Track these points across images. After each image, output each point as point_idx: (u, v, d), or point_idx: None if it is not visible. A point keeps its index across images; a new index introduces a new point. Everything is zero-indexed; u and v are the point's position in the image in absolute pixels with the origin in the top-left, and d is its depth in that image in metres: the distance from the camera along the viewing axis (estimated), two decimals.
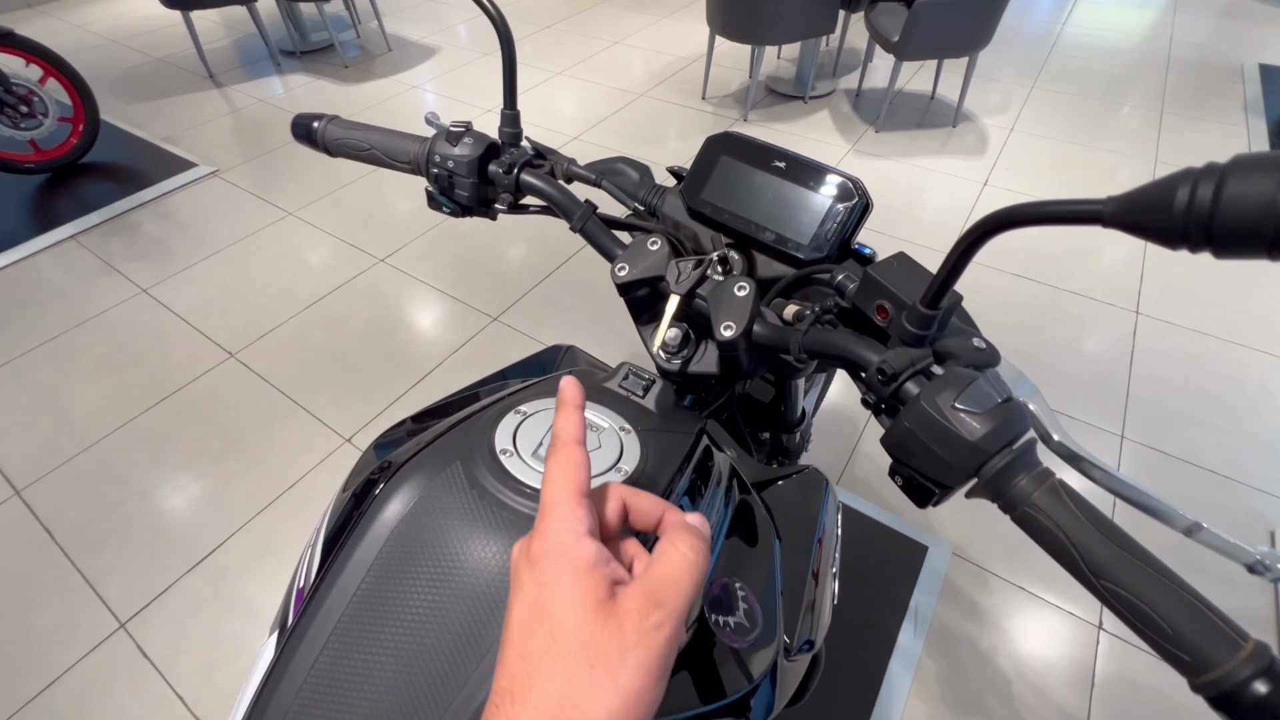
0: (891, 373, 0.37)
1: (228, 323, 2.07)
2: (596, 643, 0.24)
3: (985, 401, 0.33)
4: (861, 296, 0.43)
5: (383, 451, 0.54)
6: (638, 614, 0.24)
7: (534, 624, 0.25)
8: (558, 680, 0.23)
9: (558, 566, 0.25)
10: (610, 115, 3.18)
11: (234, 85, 3.54)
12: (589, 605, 0.24)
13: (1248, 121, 3.10)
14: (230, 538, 1.51)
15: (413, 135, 0.61)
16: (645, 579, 0.26)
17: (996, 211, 0.30)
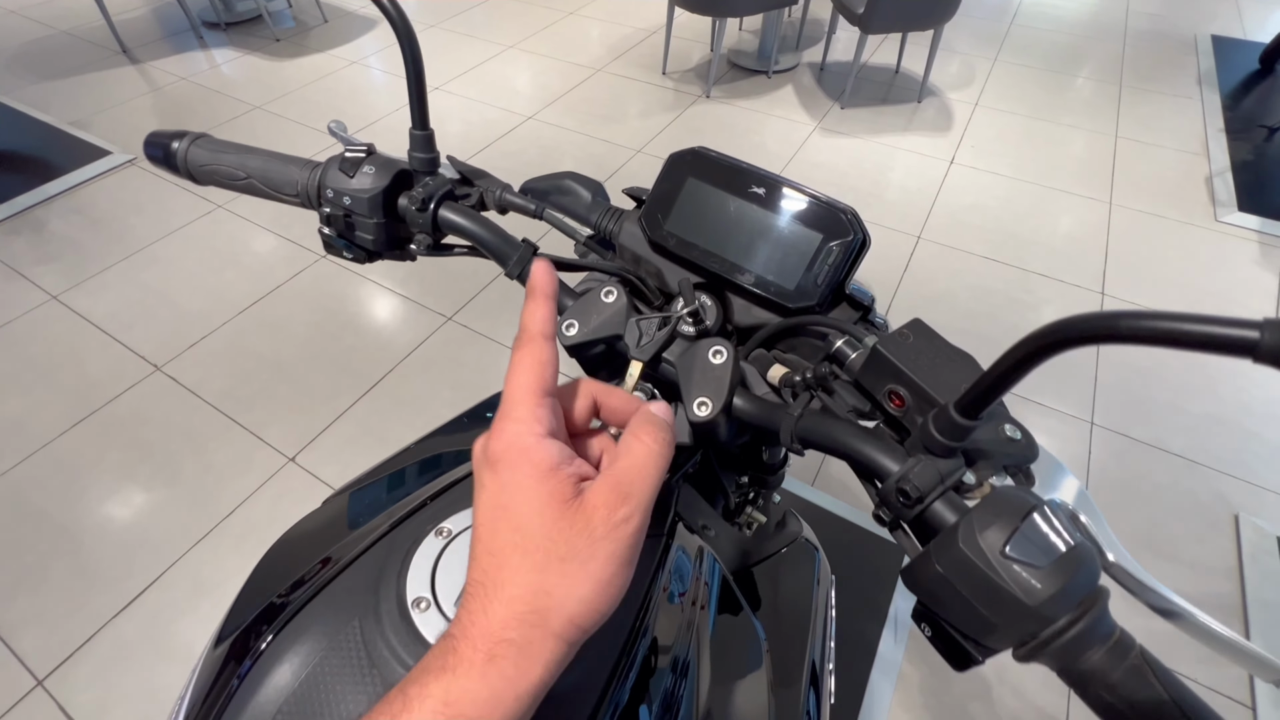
0: (916, 495, 0.29)
1: (152, 331, 1.88)
2: (565, 538, 0.24)
3: (1046, 549, 0.25)
4: (868, 375, 0.35)
5: (276, 564, 0.44)
6: (606, 509, 0.25)
7: (499, 523, 0.25)
8: (528, 573, 0.24)
9: (518, 469, 0.26)
10: (566, 92, 3.02)
11: (152, 61, 3.22)
12: (554, 505, 0.25)
13: (1202, 94, 3.13)
14: (161, 575, 1.37)
15: (301, 160, 0.49)
16: (611, 474, 0.26)
17: (1085, 320, 0.21)
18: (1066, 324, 0.22)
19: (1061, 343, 0.22)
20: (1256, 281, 2.13)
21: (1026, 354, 0.24)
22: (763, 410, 0.38)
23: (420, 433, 1.77)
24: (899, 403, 0.33)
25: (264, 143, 2.33)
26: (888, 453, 0.31)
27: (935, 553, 0.27)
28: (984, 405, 0.27)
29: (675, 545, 0.41)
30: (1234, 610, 1.38)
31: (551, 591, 0.24)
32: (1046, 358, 0.23)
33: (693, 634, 0.40)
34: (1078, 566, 0.25)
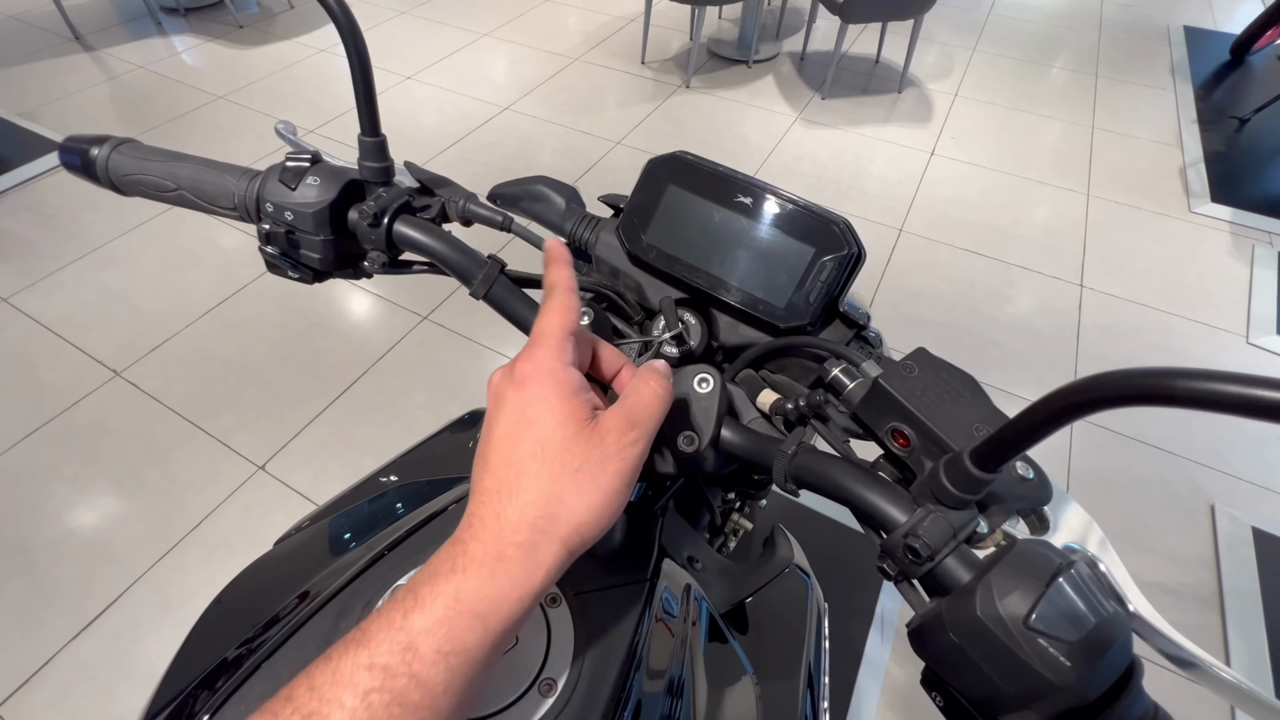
0: (928, 554, 0.26)
1: (111, 335, 1.80)
2: (581, 452, 0.27)
3: (1076, 620, 0.22)
4: (869, 409, 0.32)
5: (218, 623, 0.40)
6: (617, 432, 0.28)
7: (521, 434, 0.27)
8: (545, 481, 0.26)
9: (545, 387, 0.28)
10: (543, 82, 2.95)
11: (107, 48, 3.08)
12: (574, 421, 0.28)
13: (1175, 85, 3.16)
14: (124, 593, 1.31)
15: (239, 169, 0.44)
16: (623, 406, 0.30)
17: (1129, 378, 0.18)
18: (1106, 382, 0.19)
19: (1099, 402, 0.20)
20: (1229, 272, 2.16)
21: (1057, 410, 0.21)
22: (754, 444, 0.35)
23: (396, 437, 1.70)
24: (904, 442, 0.30)
25: (229, 136, 2.23)
26: (894, 502, 0.28)
27: (949, 617, 0.24)
28: (1004, 459, 0.24)
29: (662, 586, 0.38)
30: (1210, 600, 1.40)
31: (563, 499, 0.26)
32: (1080, 416, 0.21)
33: (684, 669, 0.37)
34: (1111, 640, 0.22)
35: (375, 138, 0.42)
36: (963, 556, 0.27)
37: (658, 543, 0.41)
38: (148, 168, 0.44)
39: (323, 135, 2.55)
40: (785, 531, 0.58)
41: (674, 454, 0.35)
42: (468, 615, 0.24)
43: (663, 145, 2.58)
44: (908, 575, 0.28)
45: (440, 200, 0.46)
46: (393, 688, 0.22)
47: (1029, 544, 0.25)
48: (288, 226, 0.42)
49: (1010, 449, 0.23)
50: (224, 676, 0.34)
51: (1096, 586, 0.23)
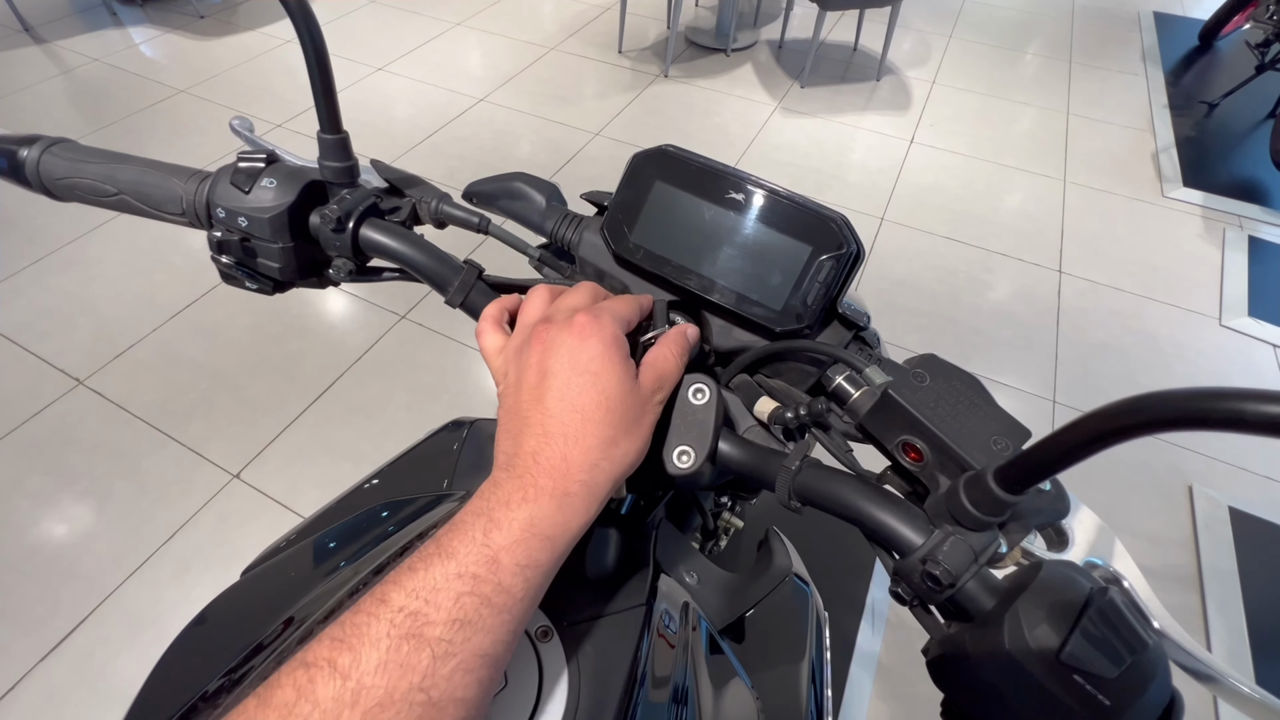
0: (948, 581, 0.24)
1: (72, 341, 1.73)
2: (631, 407, 0.31)
3: (1112, 654, 0.21)
4: (877, 421, 0.30)
5: (198, 646, 0.37)
6: (650, 389, 0.33)
7: (585, 385, 0.31)
8: (606, 428, 0.30)
9: (610, 345, 0.32)
10: (519, 72, 2.89)
11: (59, 41, 2.94)
12: (628, 379, 0.32)
13: (1146, 71, 3.20)
14: (94, 611, 1.26)
15: (187, 170, 0.41)
16: (654, 366, 0.34)
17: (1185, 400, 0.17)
18: (1154, 404, 0.17)
19: (1146, 425, 0.18)
20: (1202, 256, 2.20)
21: (1096, 434, 0.19)
22: (754, 458, 0.33)
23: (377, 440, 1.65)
24: (916, 456, 0.28)
25: (193, 132, 2.15)
26: (909, 523, 0.26)
27: (973, 650, 0.23)
28: (1032, 482, 0.22)
29: (660, 607, 0.36)
30: (1190, 580, 1.43)
31: (618, 443, 0.30)
32: (1121, 440, 0.19)
33: (688, 677, 0.36)
34: (1150, 676, 0.21)
35: (336, 134, 0.39)
36: (983, 580, 0.25)
37: (653, 555, 0.39)
38: (84, 170, 0.40)
39: (290, 130, 2.47)
40: (780, 535, 0.57)
41: (669, 470, 0.33)
42: (540, 537, 0.27)
43: (642, 136, 2.55)
44: (925, 601, 0.26)
45: (411, 201, 0.43)
46: (481, 592, 0.25)
47: (1055, 568, 0.23)
48: (242, 233, 0.38)
49: (1040, 472, 0.21)
50: (208, 709, 0.31)
51: (1131, 613, 0.21)
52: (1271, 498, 1.55)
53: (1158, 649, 0.21)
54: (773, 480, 0.32)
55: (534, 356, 0.32)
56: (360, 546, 0.45)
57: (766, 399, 0.38)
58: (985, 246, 2.18)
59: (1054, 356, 1.85)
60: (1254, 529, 1.48)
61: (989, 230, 2.24)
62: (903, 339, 1.87)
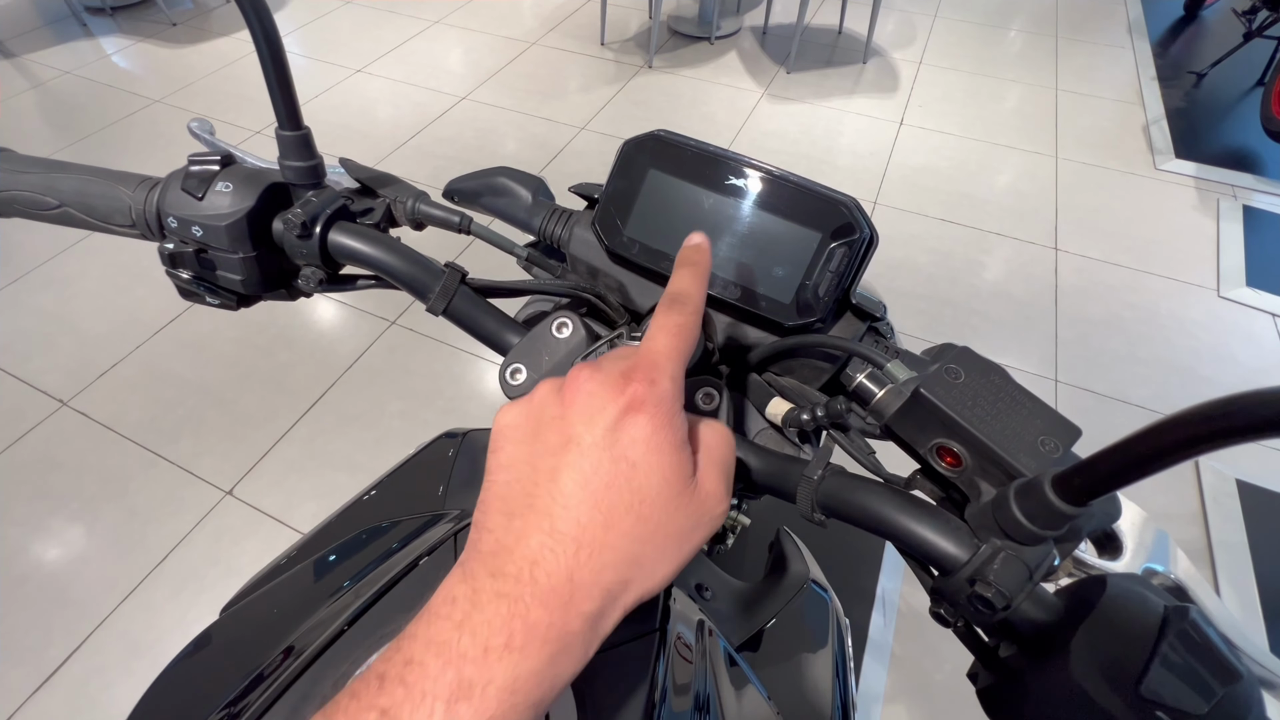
0: (1002, 604, 0.22)
1: (54, 362, 1.68)
2: (679, 515, 0.23)
3: (1200, 684, 0.18)
4: (906, 424, 0.27)
5: (192, 676, 0.35)
6: (715, 498, 0.24)
7: (619, 478, 0.22)
8: (633, 543, 0.22)
9: (662, 428, 0.23)
10: (501, 68, 2.84)
11: (29, 54, 2.88)
12: (681, 479, 0.23)
13: (1133, 43, 3.17)
14: (88, 639, 1.23)
15: (134, 177, 0.37)
16: (716, 463, 0.25)
17: None
18: (1248, 406, 0.15)
19: (1240, 431, 0.15)
20: (1197, 227, 2.18)
21: (1181, 441, 0.16)
22: (771, 467, 0.31)
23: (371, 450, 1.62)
24: (953, 462, 0.26)
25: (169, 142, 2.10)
26: (952, 537, 0.24)
27: (1033, 682, 0.20)
28: (1099, 493, 0.20)
29: (674, 631, 0.33)
30: (1200, 554, 1.41)
31: (644, 563, 0.22)
32: (1210, 450, 0.16)
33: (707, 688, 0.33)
34: (1246, 710, 0.18)
35: (297, 130, 0.36)
36: (1038, 599, 0.22)
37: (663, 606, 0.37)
38: (21, 181, 0.37)
39: (269, 135, 2.41)
40: (794, 537, 0.54)
41: None
42: (523, 708, 0.19)
43: (628, 128, 2.51)
44: (973, 623, 0.24)
45: (385, 202, 0.40)
46: None
47: (1122, 584, 0.21)
48: (198, 244, 0.35)
49: (1112, 482, 0.19)
50: None
51: (1216, 637, 0.19)
52: (1279, 469, 1.54)
53: (1250, 680, 0.19)
54: (793, 491, 0.29)
55: (558, 409, 0.24)
56: (360, 568, 0.42)
57: (779, 399, 0.35)
58: (980, 227, 2.16)
59: (1054, 335, 1.83)
60: (1262, 501, 1.47)
61: (983, 210, 2.22)
62: (902, 323, 1.85)
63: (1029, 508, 0.21)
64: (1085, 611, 0.20)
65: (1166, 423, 0.17)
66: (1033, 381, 1.72)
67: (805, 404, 0.34)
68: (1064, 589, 0.23)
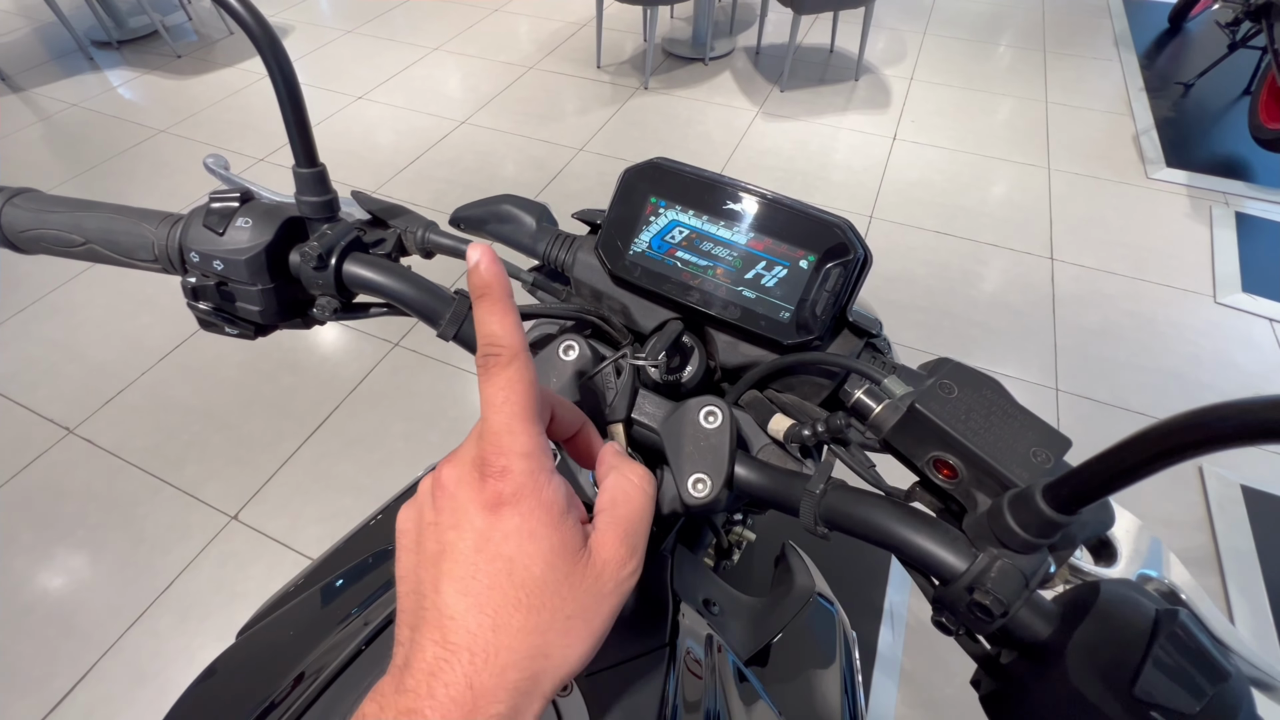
0: (999, 611, 0.22)
1: (60, 390, 1.70)
2: (575, 595, 0.22)
3: (1191, 684, 0.19)
4: (903, 438, 0.28)
5: (206, 705, 0.35)
6: (616, 564, 0.23)
7: (498, 575, 0.22)
8: (529, 636, 0.21)
9: (531, 515, 0.22)
10: (499, 93, 2.89)
11: (37, 88, 2.94)
12: (566, 557, 0.22)
13: (1120, 55, 3.23)
14: (93, 667, 1.23)
15: (157, 214, 0.39)
16: (616, 523, 0.24)
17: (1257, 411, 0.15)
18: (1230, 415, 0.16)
19: (1221, 439, 0.16)
20: (1191, 235, 2.20)
21: (1164, 449, 0.17)
22: (774, 482, 0.31)
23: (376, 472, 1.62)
24: (949, 474, 0.27)
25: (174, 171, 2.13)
26: (950, 547, 0.25)
27: (1034, 686, 0.21)
28: (1087, 501, 0.20)
29: (683, 646, 0.34)
30: (1209, 562, 1.41)
31: (550, 653, 0.22)
32: (1193, 456, 0.17)
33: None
34: (1236, 708, 0.19)
35: (313, 168, 0.37)
36: (1035, 606, 0.23)
37: (670, 586, 0.37)
38: (49, 220, 0.38)
39: (273, 163, 2.45)
40: (799, 551, 0.55)
41: (686, 500, 0.31)
42: None
43: (625, 149, 2.55)
44: (973, 631, 0.24)
45: (395, 232, 0.41)
46: None
47: (1115, 588, 0.21)
48: (218, 277, 0.36)
49: (1097, 490, 0.20)
50: None
51: (1206, 638, 0.20)
52: None
53: (1240, 679, 0.19)
54: (796, 505, 0.30)
55: (433, 513, 0.23)
56: (370, 593, 0.43)
57: (780, 416, 0.36)
58: (976, 238, 2.18)
59: (1053, 344, 1.84)
60: (1268, 506, 1.46)
61: (978, 222, 2.24)
62: (901, 335, 1.86)
63: (1022, 517, 0.22)
64: (1080, 617, 0.21)
65: (1150, 431, 0.18)
66: (1034, 390, 1.73)
67: (806, 420, 0.35)
68: (1060, 596, 0.24)
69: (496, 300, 0.24)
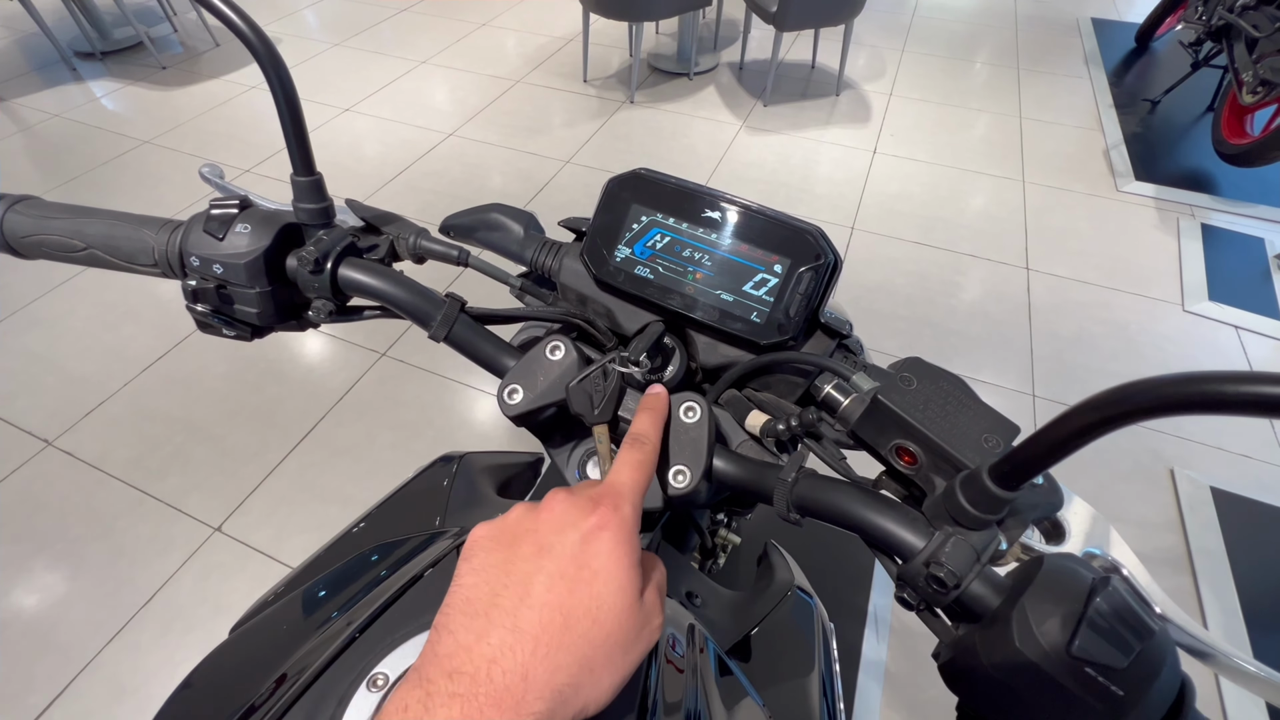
0: (953, 583, 0.24)
1: (39, 402, 1.67)
2: (628, 624, 0.25)
3: (1121, 643, 0.21)
4: (868, 427, 0.30)
5: (188, 710, 0.36)
6: (655, 612, 0.27)
7: (583, 587, 0.25)
8: (587, 645, 0.24)
9: (621, 545, 0.26)
10: (486, 106, 2.92)
11: (18, 98, 2.91)
12: (633, 591, 0.26)
13: (1090, 73, 3.34)
14: (71, 683, 1.21)
15: (157, 220, 0.40)
16: (656, 585, 0.28)
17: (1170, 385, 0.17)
18: (1139, 392, 0.18)
19: (1133, 414, 0.18)
20: (1160, 246, 2.28)
21: (1085, 426, 0.19)
22: (750, 473, 0.33)
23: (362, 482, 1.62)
24: (910, 460, 0.29)
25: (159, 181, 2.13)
26: (910, 527, 0.27)
27: (984, 651, 0.23)
28: (1026, 477, 0.22)
29: (665, 634, 0.35)
30: (1180, 562, 1.45)
31: (595, 670, 0.24)
32: (1110, 430, 0.19)
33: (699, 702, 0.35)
34: (1160, 662, 0.21)
35: (310, 176, 0.39)
36: (988, 579, 0.25)
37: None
38: (51, 226, 0.39)
39: (259, 174, 2.45)
40: (780, 549, 0.56)
41: (665, 492, 0.33)
42: None
43: (612, 161, 2.58)
44: (932, 604, 0.26)
45: (389, 238, 0.43)
46: None
47: (1057, 561, 0.23)
48: (218, 280, 0.38)
49: (1033, 467, 0.22)
50: None
51: (1134, 600, 0.22)
52: (1250, 475, 1.59)
53: (1164, 634, 0.21)
54: (770, 493, 0.32)
55: (533, 523, 0.26)
56: (353, 594, 0.44)
57: (757, 412, 0.38)
58: (954, 249, 2.24)
59: (1029, 351, 1.89)
60: (1236, 507, 1.51)
61: (956, 233, 2.30)
62: (882, 344, 1.90)
63: (972, 495, 0.24)
64: (1025, 587, 0.23)
65: (1072, 412, 0.20)
66: (1011, 396, 1.77)
67: (781, 415, 0.36)
68: (1011, 571, 0.26)
69: (658, 414, 0.33)
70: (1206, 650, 0.29)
